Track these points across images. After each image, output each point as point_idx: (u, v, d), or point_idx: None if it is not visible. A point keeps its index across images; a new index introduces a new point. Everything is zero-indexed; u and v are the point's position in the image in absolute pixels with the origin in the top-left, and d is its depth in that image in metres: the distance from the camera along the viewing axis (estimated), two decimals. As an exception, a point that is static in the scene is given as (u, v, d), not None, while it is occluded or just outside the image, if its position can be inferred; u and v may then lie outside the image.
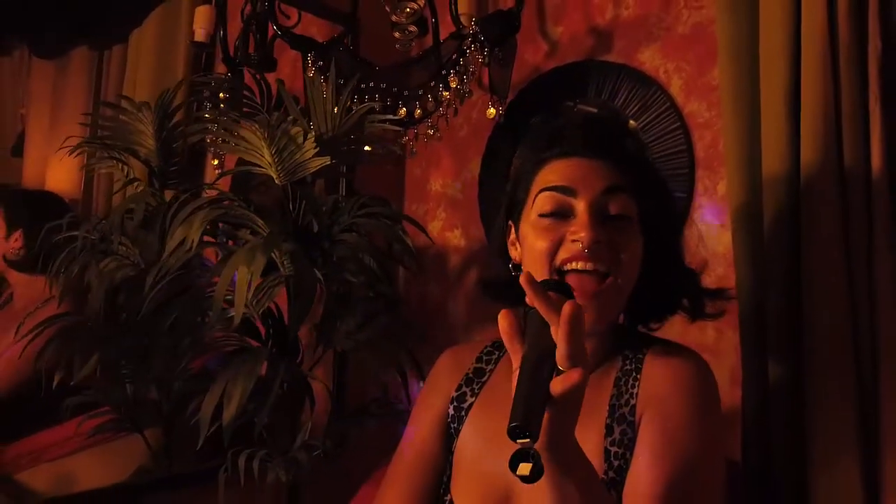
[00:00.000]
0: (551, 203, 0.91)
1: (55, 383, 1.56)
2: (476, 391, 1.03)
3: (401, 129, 1.39)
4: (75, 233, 1.55)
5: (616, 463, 0.87)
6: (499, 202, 1.73)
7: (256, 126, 1.18)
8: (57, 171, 2.65)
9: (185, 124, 1.62)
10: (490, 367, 1.05)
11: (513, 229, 1.00)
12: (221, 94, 1.55)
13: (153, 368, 1.53)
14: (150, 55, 2.28)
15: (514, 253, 0.99)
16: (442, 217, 1.88)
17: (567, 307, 0.67)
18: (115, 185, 2.26)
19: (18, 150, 2.93)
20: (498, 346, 1.08)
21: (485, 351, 1.08)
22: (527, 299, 0.72)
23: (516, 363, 0.71)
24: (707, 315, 1.00)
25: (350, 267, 1.27)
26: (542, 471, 0.65)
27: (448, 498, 0.97)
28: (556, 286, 0.78)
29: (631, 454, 0.87)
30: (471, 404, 1.02)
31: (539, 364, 0.68)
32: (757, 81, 1.17)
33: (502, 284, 1.02)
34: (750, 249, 1.19)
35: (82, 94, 2.60)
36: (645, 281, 0.94)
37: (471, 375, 1.05)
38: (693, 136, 1.42)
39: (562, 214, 0.91)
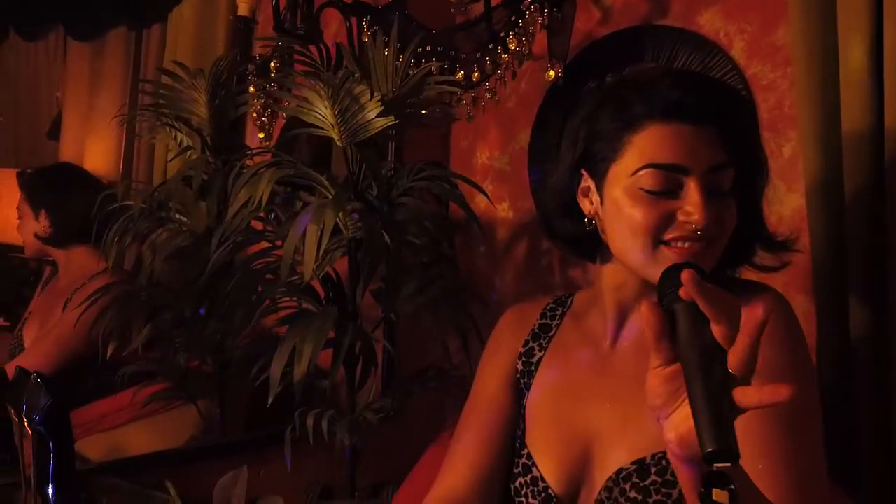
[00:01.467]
0: (659, 182, 0.85)
1: (108, 354, 1.57)
2: (544, 345, 1.02)
3: (459, 91, 1.37)
4: (129, 202, 1.55)
5: None
6: (549, 173, 1.70)
7: (321, 85, 1.16)
8: (94, 152, 2.67)
9: (236, 94, 1.61)
10: (556, 321, 1.04)
11: (585, 179, 0.94)
12: (273, 64, 1.54)
13: (208, 337, 1.53)
14: (189, 32, 2.27)
15: (588, 206, 0.94)
16: (489, 190, 1.85)
17: (761, 312, 0.61)
18: (157, 158, 2.26)
19: (55, 133, 2.95)
20: (560, 302, 1.07)
21: (548, 307, 1.07)
22: (682, 292, 0.65)
23: (658, 360, 0.66)
24: (766, 268, 0.98)
25: (412, 230, 1.26)
26: (738, 496, 0.60)
27: (525, 452, 0.96)
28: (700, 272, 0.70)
29: None
30: (540, 358, 1.01)
31: (707, 370, 0.61)
32: (833, 36, 1.14)
33: (573, 235, 0.98)
34: (826, 216, 1.16)
35: (120, 75, 2.61)
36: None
37: (537, 331, 1.04)
38: (756, 98, 1.39)
39: (669, 192, 0.86)
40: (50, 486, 0.96)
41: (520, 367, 1.02)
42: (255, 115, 1.88)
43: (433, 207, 1.37)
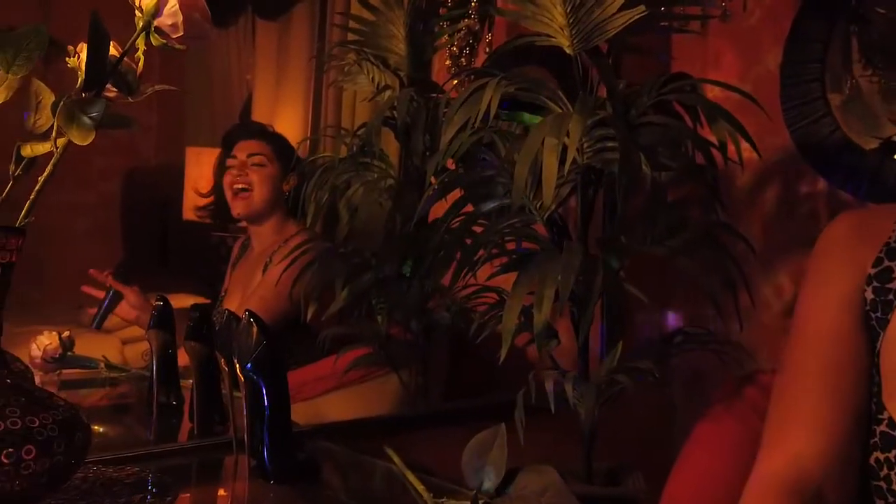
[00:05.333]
0: None
1: (310, 316, 1.48)
2: None
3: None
4: (326, 154, 1.44)
5: None
6: (812, 92, 1.38)
7: (552, -26, 0.95)
8: (283, 127, 2.67)
9: (431, 29, 1.44)
10: None
11: None
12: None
13: (411, 298, 1.38)
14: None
15: None
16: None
17: None
18: (344, 117, 2.19)
19: (246, 114, 3.03)
20: None
21: None
22: None
23: None
24: None
25: (665, 153, 1.01)
26: None
27: (885, 416, 0.68)
28: None
29: None
30: None
31: None
32: None
33: None
34: None
35: (305, 47, 2.60)
36: None
37: (893, 245, 0.73)
38: None
39: None
40: (265, 444, 0.82)
41: (869, 294, 0.72)
42: (448, 62, 1.73)
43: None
